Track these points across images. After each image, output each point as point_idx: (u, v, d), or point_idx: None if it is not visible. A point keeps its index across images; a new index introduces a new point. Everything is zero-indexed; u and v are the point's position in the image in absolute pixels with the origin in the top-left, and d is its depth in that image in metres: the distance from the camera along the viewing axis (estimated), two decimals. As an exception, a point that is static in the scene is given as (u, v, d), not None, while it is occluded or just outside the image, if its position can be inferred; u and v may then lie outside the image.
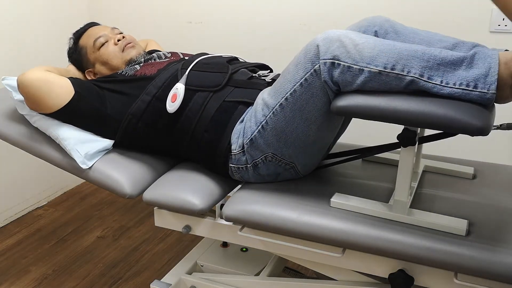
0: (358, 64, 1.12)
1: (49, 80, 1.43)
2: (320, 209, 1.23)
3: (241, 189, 1.37)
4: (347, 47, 1.13)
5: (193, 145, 1.41)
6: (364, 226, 1.16)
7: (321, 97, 1.19)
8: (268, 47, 2.20)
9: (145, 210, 2.39)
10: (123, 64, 1.58)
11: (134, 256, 2.05)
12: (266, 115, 1.27)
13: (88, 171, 1.42)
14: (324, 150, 1.38)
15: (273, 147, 1.29)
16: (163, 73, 1.45)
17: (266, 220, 1.24)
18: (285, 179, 1.38)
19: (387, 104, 1.09)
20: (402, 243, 1.11)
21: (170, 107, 1.38)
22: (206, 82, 1.41)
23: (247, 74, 1.46)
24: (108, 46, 1.60)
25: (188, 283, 1.49)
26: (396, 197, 1.18)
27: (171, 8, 2.38)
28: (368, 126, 1.77)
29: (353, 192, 1.28)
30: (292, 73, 1.22)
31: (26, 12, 2.26)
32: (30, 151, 1.52)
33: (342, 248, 1.21)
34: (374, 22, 1.38)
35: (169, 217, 1.42)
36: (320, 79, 1.17)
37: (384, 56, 1.11)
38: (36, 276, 1.93)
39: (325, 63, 1.15)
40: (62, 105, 1.43)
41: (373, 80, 1.12)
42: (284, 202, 1.27)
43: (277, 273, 1.52)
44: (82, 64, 1.64)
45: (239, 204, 1.29)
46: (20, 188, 2.36)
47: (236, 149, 1.34)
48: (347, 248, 1.20)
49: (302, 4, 2.11)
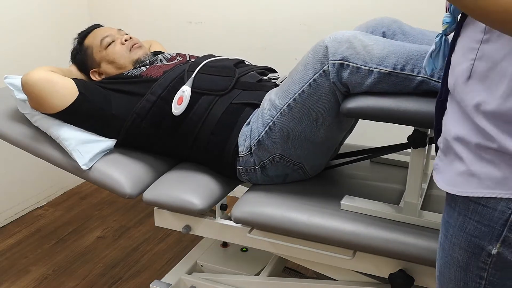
0: (367, 65, 1.12)
1: (53, 81, 1.42)
2: (330, 211, 1.22)
3: (250, 191, 1.36)
4: (356, 48, 1.13)
5: (199, 147, 1.41)
6: (375, 229, 1.15)
7: (330, 98, 1.19)
8: (268, 47, 2.20)
9: (145, 210, 2.39)
10: (130, 63, 1.58)
11: (134, 256, 2.05)
12: (274, 116, 1.26)
13: (88, 171, 1.42)
14: (332, 151, 1.37)
15: (281, 147, 1.29)
16: (169, 73, 1.45)
17: (276, 222, 1.23)
18: (293, 180, 1.37)
19: (398, 106, 1.08)
20: (415, 245, 1.11)
21: (175, 110, 1.38)
22: (213, 86, 1.40)
23: (256, 77, 1.45)
24: (115, 45, 1.59)
25: (188, 283, 1.49)
26: (407, 199, 1.17)
27: (171, 8, 2.38)
28: (372, 126, 1.76)
29: (362, 194, 1.27)
30: (300, 74, 1.21)
31: (27, 12, 2.26)
32: (30, 151, 1.52)
33: (353, 250, 1.20)
34: (382, 23, 1.37)
35: (169, 217, 1.41)
36: (328, 80, 1.16)
37: (394, 57, 1.10)
38: (36, 276, 1.93)
39: (334, 64, 1.14)
40: (66, 106, 1.43)
41: (383, 81, 1.12)
42: (293, 204, 1.26)
43: (277, 273, 1.52)
44: (87, 64, 1.63)
45: (248, 206, 1.28)
46: (20, 188, 2.36)
47: (243, 151, 1.34)
48: (358, 251, 1.20)
49: (302, 4, 2.11)
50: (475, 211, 0.72)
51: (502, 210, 0.69)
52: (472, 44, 0.71)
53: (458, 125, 0.74)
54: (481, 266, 0.73)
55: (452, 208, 0.76)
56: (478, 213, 0.71)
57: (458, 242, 0.75)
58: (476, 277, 0.75)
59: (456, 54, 0.76)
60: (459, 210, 0.75)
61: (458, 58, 0.75)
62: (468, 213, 0.73)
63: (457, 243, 0.76)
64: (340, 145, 1.45)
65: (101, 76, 1.61)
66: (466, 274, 0.76)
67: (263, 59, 1.97)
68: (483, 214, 0.71)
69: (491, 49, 0.68)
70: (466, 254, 0.75)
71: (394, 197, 1.30)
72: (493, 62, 0.68)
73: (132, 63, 1.58)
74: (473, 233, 0.73)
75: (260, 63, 1.62)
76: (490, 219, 0.70)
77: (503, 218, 0.69)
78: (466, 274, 0.76)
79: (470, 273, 0.75)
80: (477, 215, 0.72)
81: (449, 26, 0.79)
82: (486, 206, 0.70)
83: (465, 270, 0.76)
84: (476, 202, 0.71)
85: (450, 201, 0.77)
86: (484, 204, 0.71)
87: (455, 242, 0.76)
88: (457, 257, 0.76)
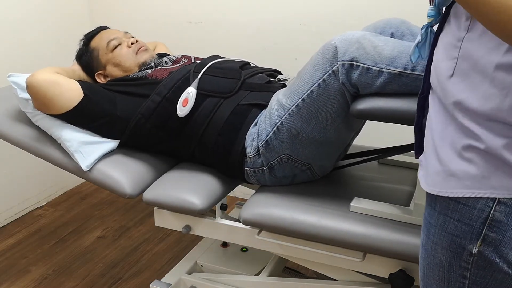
0: (377, 65, 1.11)
1: (59, 83, 1.42)
2: (340, 213, 1.22)
3: (258, 192, 1.36)
4: (366, 49, 1.12)
5: (204, 149, 1.40)
6: (386, 231, 1.15)
7: (339, 98, 1.18)
8: (268, 47, 2.20)
9: (145, 210, 2.39)
10: (136, 66, 1.58)
11: (134, 256, 2.05)
12: (282, 116, 1.25)
13: (88, 171, 1.42)
14: (340, 151, 1.37)
15: (289, 148, 1.28)
16: (174, 74, 1.45)
17: (285, 224, 1.22)
18: (301, 181, 1.36)
19: (409, 107, 1.06)
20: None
21: (180, 111, 1.37)
22: (218, 88, 1.40)
23: (265, 79, 1.45)
24: (122, 48, 1.59)
25: (188, 283, 1.49)
26: (417, 201, 1.16)
27: (171, 8, 2.37)
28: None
29: (371, 195, 1.27)
30: (309, 74, 1.20)
31: (27, 12, 2.26)
32: (30, 151, 1.52)
33: (363, 252, 1.20)
34: (390, 24, 1.36)
35: (169, 217, 1.41)
36: (338, 80, 1.15)
37: (404, 57, 1.10)
38: (36, 276, 1.93)
39: (343, 64, 1.14)
40: (70, 108, 1.43)
41: (393, 82, 1.11)
42: (302, 205, 1.25)
43: (277, 273, 1.52)
44: (92, 66, 1.62)
45: (256, 208, 1.28)
46: (20, 188, 2.36)
47: (251, 152, 1.33)
48: (368, 253, 1.19)
49: (302, 4, 2.11)
50: (455, 209, 0.72)
51: (481, 208, 0.69)
52: (454, 41, 0.71)
53: (439, 122, 0.73)
54: (464, 266, 0.73)
55: (433, 208, 0.76)
56: (458, 212, 0.71)
57: (440, 242, 0.75)
58: (459, 276, 0.74)
59: (439, 50, 0.75)
60: (439, 210, 0.74)
61: (440, 54, 0.74)
62: (448, 212, 0.73)
63: (439, 243, 0.75)
64: (348, 146, 1.44)
65: (107, 78, 1.61)
66: (450, 274, 0.75)
67: (263, 59, 1.97)
68: (463, 213, 0.71)
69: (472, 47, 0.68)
70: (449, 254, 0.74)
71: (403, 198, 1.29)
72: (474, 61, 0.67)
73: (138, 66, 1.58)
74: (454, 232, 0.72)
75: (260, 63, 1.62)
76: (470, 217, 0.70)
77: (482, 216, 0.69)
78: (450, 274, 0.75)
79: (454, 273, 0.75)
80: (457, 213, 0.71)
81: (434, 19, 0.79)
82: (466, 204, 0.70)
83: (448, 270, 0.75)
84: (456, 201, 0.71)
85: (430, 201, 0.77)
86: (464, 202, 0.70)
87: (437, 242, 0.76)
88: (440, 257, 0.76)
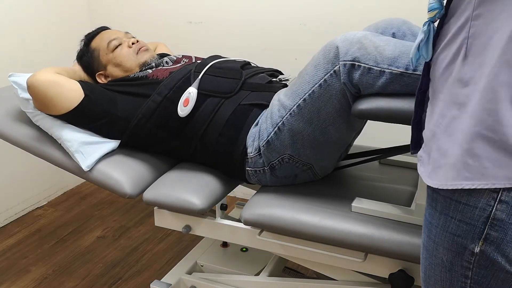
0: (379, 65, 1.11)
1: (59, 83, 1.42)
2: (341, 213, 1.22)
3: (259, 193, 1.36)
4: (367, 49, 1.12)
5: (205, 149, 1.40)
6: (388, 231, 1.15)
7: (340, 98, 1.18)
8: (268, 47, 2.20)
9: (145, 210, 2.39)
10: (136, 66, 1.57)
11: (134, 256, 2.05)
12: (283, 116, 1.25)
13: (88, 171, 1.42)
14: (342, 151, 1.37)
15: (290, 148, 1.28)
16: (175, 74, 1.45)
17: (287, 225, 1.22)
18: (302, 181, 1.36)
19: (411, 107, 1.04)
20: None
21: (181, 112, 1.37)
22: (219, 88, 1.40)
23: (266, 79, 1.45)
24: (122, 48, 1.59)
25: (188, 283, 1.49)
26: (418, 201, 1.16)
27: (171, 8, 2.37)
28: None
29: (372, 196, 1.27)
30: (310, 74, 1.20)
31: (27, 13, 2.26)
32: (31, 151, 1.52)
33: (365, 252, 1.20)
34: (392, 24, 1.36)
35: (169, 217, 1.41)
36: (339, 80, 1.15)
37: (406, 58, 1.09)
38: (36, 276, 1.93)
39: (345, 64, 1.14)
40: (71, 108, 1.43)
41: (395, 82, 1.11)
42: (303, 206, 1.25)
43: (277, 273, 1.52)
44: (93, 66, 1.62)
45: (258, 208, 1.28)
46: (20, 188, 2.36)
47: (252, 152, 1.33)
48: (369, 253, 1.19)
49: (302, 4, 2.11)
50: (456, 209, 0.71)
51: (482, 207, 0.68)
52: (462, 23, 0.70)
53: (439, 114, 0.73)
54: (466, 266, 0.73)
55: (434, 208, 0.76)
56: (460, 212, 0.71)
57: (441, 242, 0.75)
58: (461, 276, 0.74)
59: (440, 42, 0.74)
60: (440, 210, 0.74)
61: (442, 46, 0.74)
62: (449, 212, 0.72)
63: (440, 243, 0.75)
64: (349, 146, 1.44)
65: (107, 78, 1.60)
66: (452, 274, 0.75)
67: (263, 59, 1.97)
68: (464, 212, 0.70)
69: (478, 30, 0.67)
70: (450, 254, 0.74)
71: (405, 199, 1.29)
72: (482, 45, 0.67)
73: (139, 66, 1.58)
74: (455, 232, 0.72)
75: (260, 63, 1.62)
76: (471, 217, 0.70)
77: (484, 215, 0.69)
78: (452, 274, 0.75)
79: (455, 273, 0.75)
80: (458, 213, 0.71)
81: (438, 12, 0.76)
82: (467, 204, 0.70)
83: (450, 271, 0.75)
84: (457, 201, 0.71)
85: (431, 202, 0.77)
86: (465, 202, 0.70)
87: (438, 242, 0.76)
88: (442, 258, 0.76)
